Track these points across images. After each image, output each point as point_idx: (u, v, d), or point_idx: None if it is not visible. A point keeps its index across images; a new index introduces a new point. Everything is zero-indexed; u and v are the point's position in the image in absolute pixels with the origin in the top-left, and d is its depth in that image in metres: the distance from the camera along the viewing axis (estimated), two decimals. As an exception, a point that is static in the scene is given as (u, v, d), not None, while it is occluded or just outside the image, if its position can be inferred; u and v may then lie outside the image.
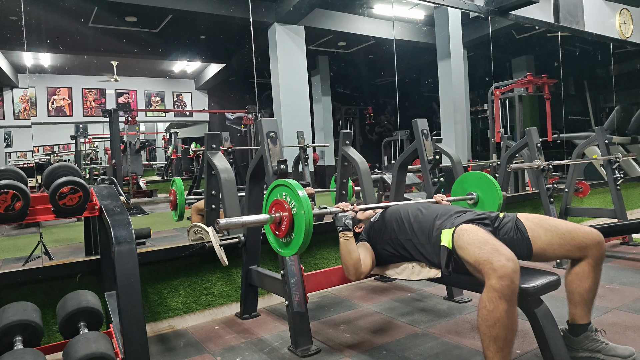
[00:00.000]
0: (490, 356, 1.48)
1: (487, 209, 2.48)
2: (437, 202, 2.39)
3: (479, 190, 2.55)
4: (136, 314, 1.48)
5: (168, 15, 5.81)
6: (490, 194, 2.49)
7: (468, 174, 2.67)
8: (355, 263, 1.89)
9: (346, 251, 1.88)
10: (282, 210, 1.69)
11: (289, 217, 1.66)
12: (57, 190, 1.75)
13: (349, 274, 1.92)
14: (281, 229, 1.70)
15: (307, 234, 1.61)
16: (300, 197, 1.62)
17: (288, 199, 1.68)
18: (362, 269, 1.92)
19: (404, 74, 4.83)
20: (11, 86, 6.58)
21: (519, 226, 1.79)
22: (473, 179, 2.59)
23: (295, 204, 1.65)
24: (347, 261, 1.89)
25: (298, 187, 1.66)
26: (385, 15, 5.88)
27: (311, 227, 1.61)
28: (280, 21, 5.32)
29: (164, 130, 9.62)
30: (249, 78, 4.60)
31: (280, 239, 1.75)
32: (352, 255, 1.88)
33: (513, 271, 1.46)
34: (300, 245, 1.63)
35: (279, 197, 1.72)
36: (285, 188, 1.70)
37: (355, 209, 1.99)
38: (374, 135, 9.62)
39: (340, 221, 1.91)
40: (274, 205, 1.74)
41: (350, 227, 1.90)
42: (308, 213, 1.60)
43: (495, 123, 5.29)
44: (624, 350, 1.75)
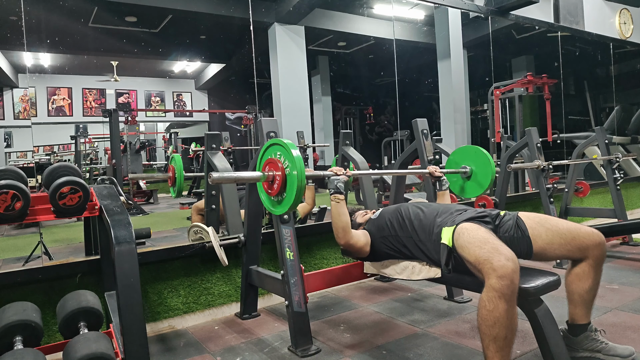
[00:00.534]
0: (490, 356, 1.48)
1: (481, 182, 2.53)
2: (430, 173, 2.43)
3: (473, 164, 2.58)
4: (136, 314, 1.48)
5: (168, 15, 5.81)
6: (484, 168, 2.52)
7: (463, 147, 2.70)
8: (344, 226, 1.95)
9: (336, 213, 1.95)
10: (276, 169, 1.71)
11: (282, 176, 1.68)
12: (57, 190, 1.75)
13: (337, 237, 1.98)
14: (273, 187, 1.73)
15: (299, 192, 1.65)
16: (294, 157, 1.63)
17: (282, 159, 1.69)
18: (351, 235, 1.98)
19: (404, 74, 4.83)
20: (11, 86, 6.58)
21: (519, 225, 1.79)
22: (468, 152, 2.62)
23: (288, 164, 1.66)
24: (336, 223, 1.96)
25: (292, 146, 1.68)
26: (385, 15, 5.88)
27: (303, 187, 1.64)
28: (280, 21, 5.32)
29: (164, 130, 9.62)
30: (249, 78, 4.60)
31: (272, 198, 1.77)
32: (342, 218, 1.95)
33: (513, 271, 1.46)
34: (292, 204, 1.67)
35: (273, 156, 1.73)
36: (280, 147, 1.71)
37: (348, 173, 2.04)
38: (374, 135, 9.63)
39: (332, 184, 1.97)
40: (268, 164, 1.76)
41: (342, 190, 1.97)
42: (300, 172, 1.62)
43: (495, 123, 5.29)
44: (623, 350, 1.75)
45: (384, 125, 9.62)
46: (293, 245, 2.15)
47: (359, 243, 2.01)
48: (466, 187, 2.63)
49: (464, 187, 2.64)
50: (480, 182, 2.54)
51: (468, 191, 2.63)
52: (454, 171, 2.59)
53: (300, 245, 2.78)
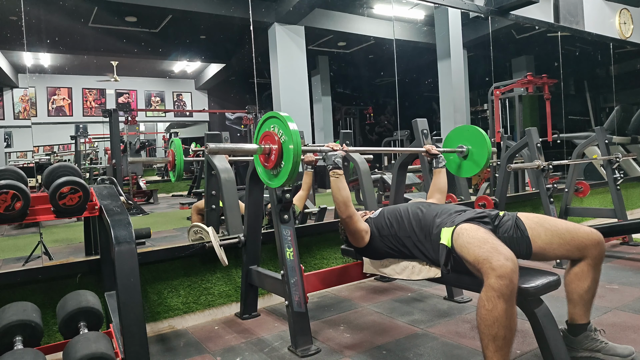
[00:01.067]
0: (489, 355, 1.48)
1: (477, 161, 2.55)
2: (427, 150, 2.46)
3: (469, 143, 2.59)
4: (136, 314, 1.48)
5: (168, 15, 5.81)
6: (480, 147, 2.54)
7: (460, 127, 2.72)
8: (345, 200, 1.96)
9: (336, 188, 1.96)
10: (272, 142, 1.71)
11: (279, 148, 1.69)
12: (57, 190, 1.75)
13: (339, 210, 1.99)
14: (270, 159, 1.73)
15: (295, 166, 1.66)
16: (291, 130, 1.64)
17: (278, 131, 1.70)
18: (354, 211, 1.98)
19: (404, 74, 4.83)
20: (11, 86, 6.58)
21: (518, 225, 1.79)
22: (465, 132, 2.64)
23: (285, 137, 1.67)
24: (337, 198, 1.96)
25: (289, 119, 1.68)
26: (385, 15, 5.88)
27: (299, 160, 1.65)
28: (280, 21, 5.32)
29: (164, 130, 9.62)
30: (249, 78, 4.60)
31: (269, 170, 1.77)
32: (342, 193, 1.96)
33: (512, 271, 1.46)
34: (288, 177, 1.67)
35: (270, 129, 1.74)
36: (277, 120, 1.72)
37: (345, 148, 2.05)
38: (374, 135, 9.63)
39: (330, 160, 1.98)
40: (264, 137, 1.76)
41: (339, 165, 1.97)
42: (297, 145, 1.63)
43: (495, 123, 5.29)
44: (623, 349, 1.75)
45: (384, 125, 9.63)
46: (293, 245, 2.15)
47: (359, 223, 2.01)
48: (463, 166, 2.65)
49: (461, 166, 2.66)
50: (477, 160, 2.57)
51: (465, 170, 2.65)
52: (451, 150, 2.61)
53: (300, 245, 2.78)
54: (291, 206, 2.20)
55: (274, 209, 2.16)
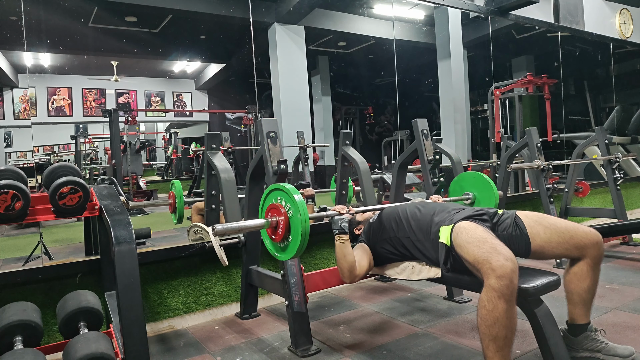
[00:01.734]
0: (490, 355, 1.48)
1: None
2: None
3: (475, 190, 2.56)
4: (136, 314, 1.48)
5: (168, 15, 5.81)
6: (487, 194, 2.50)
7: (464, 174, 2.68)
8: (350, 266, 1.89)
9: (341, 254, 1.88)
10: (278, 214, 1.68)
11: (285, 221, 1.65)
12: (57, 190, 1.75)
13: (343, 277, 1.92)
14: (278, 233, 1.69)
15: (304, 237, 1.60)
16: (296, 202, 1.61)
17: (284, 203, 1.67)
18: (357, 272, 1.92)
19: (404, 74, 4.83)
20: (11, 86, 6.58)
21: (517, 223, 1.79)
22: (469, 178, 2.61)
23: (291, 208, 1.64)
24: (342, 264, 1.90)
25: (294, 191, 1.65)
26: (385, 15, 5.88)
27: (307, 231, 1.60)
28: (280, 21, 5.32)
29: (164, 130, 9.62)
30: (249, 78, 4.60)
31: (277, 243, 1.74)
32: (347, 259, 1.88)
33: (512, 271, 1.46)
34: (297, 250, 1.62)
35: (275, 202, 1.71)
36: (281, 192, 1.69)
37: (352, 211, 1.99)
38: (374, 135, 9.63)
39: (336, 224, 1.91)
40: (270, 210, 1.73)
41: (346, 230, 1.90)
42: (304, 217, 1.59)
43: (495, 123, 5.29)
44: (623, 349, 1.75)
45: (384, 125, 9.63)
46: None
47: (363, 270, 1.96)
48: None
49: None
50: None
51: None
52: (458, 199, 2.56)
53: (300, 245, 2.78)
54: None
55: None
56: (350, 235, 2.06)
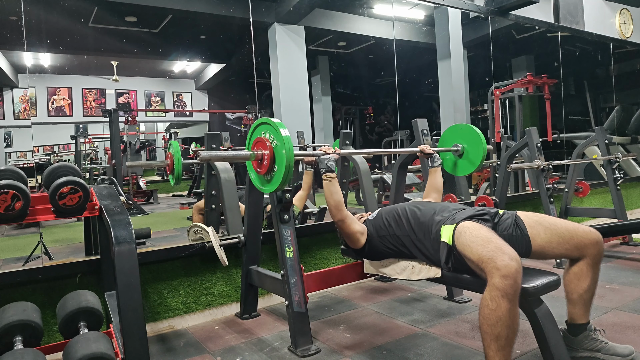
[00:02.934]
0: (491, 355, 1.48)
1: (472, 160, 2.57)
2: (422, 150, 2.49)
3: (465, 142, 2.60)
4: (136, 314, 1.48)
5: (168, 15, 5.81)
6: (476, 146, 2.54)
7: (455, 126, 2.72)
8: (337, 204, 1.98)
9: (329, 192, 1.99)
10: (264, 148, 1.72)
11: (270, 154, 1.69)
12: (57, 190, 1.75)
13: (331, 214, 2.01)
14: (263, 165, 1.73)
15: (288, 170, 1.66)
16: (282, 136, 1.64)
17: (270, 137, 1.70)
18: (346, 214, 2.00)
19: (404, 74, 4.83)
20: (11, 86, 6.58)
21: (518, 223, 1.79)
22: (460, 130, 2.65)
23: (276, 142, 1.67)
24: (329, 202, 1.98)
25: (280, 125, 1.68)
26: (385, 15, 5.88)
27: (292, 165, 1.65)
28: (280, 21, 5.31)
29: (164, 130, 9.62)
30: (249, 78, 4.60)
31: (262, 176, 1.78)
32: (334, 197, 1.98)
33: (516, 270, 1.46)
34: (281, 182, 1.68)
35: (261, 136, 1.74)
36: (268, 126, 1.72)
37: (337, 151, 2.05)
38: (374, 135, 9.63)
39: (323, 163, 2.00)
40: (256, 144, 1.77)
41: (332, 168, 1.99)
42: (289, 151, 1.63)
43: (495, 123, 5.29)
44: (623, 349, 1.75)
45: (384, 125, 9.62)
46: (293, 245, 2.15)
47: (352, 226, 2.02)
48: (458, 164, 2.66)
49: (457, 164, 2.67)
50: (472, 160, 2.57)
51: (460, 169, 2.66)
52: (446, 149, 2.62)
53: (300, 246, 2.78)
54: (291, 206, 2.20)
55: (273, 210, 2.16)
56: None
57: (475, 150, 2.54)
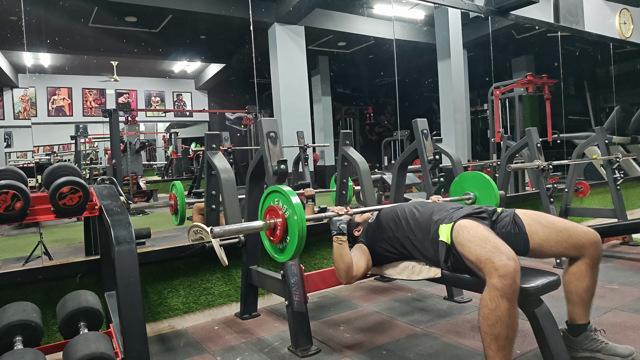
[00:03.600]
0: (491, 355, 1.48)
1: None
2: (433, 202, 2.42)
3: (476, 190, 2.56)
4: (136, 314, 1.48)
5: (168, 15, 5.81)
6: (487, 194, 2.50)
7: (465, 173, 2.68)
8: (347, 267, 1.90)
9: (339, 255, 1.89)
10: (276, 216, 1.70)
11: (283, 223, 1.67)
12: (57, 190, 1.75)
13: (340, 278, 1.93)
14: (276, 234, 1.71)
15: (301, 239, 1.62)
16: (294, 204, 1.62)
17: (281, 205, 1.69)
18: (354, 273, 1.92)
19: (404, 74, 4.83)
20: (11, 86, 6.58)
21: (516, 221, 1.79)
22: (470, 178, 2.61)
23: (288, 210, 1.65)
24: (339, 265, 1.90)
25: (291, 193, 1.66)
26: (385, 15, 5.88)
27: (304, 233, 1.62)
28: (280, 21, 5.32)
29: (164, 130, 9.62)
30: (249, 78, 4.60)
31: (275, 245, 1.75)
32: (345, 260, 1.89)
33: (515, 270, 1.46)
34: (295, 251, 1.64)
35: (273, 204, 1.73)
36: (279, 194, 1.70)
37: (350, 212, 2.00)
38: (374, 135, 9.63)
39: (335, 225, 1.91)
40: (269, 212, 1.75)
41: (344, 231, 1.90)
42: (301, 219, 1.60)
43: (495, 123, 5.29)
44: (623, 349, 1.75)
45: (384, 125, 9.63)
46: (293, 245, 2.14)
47: (361, 270, 1.96)
48: None
49: None
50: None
51: None
52: (458, 199, 2.56)
53: (300, 245, 2.78)
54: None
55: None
56: (349, 237, 2.06)
57: (488, 198, 2.48)
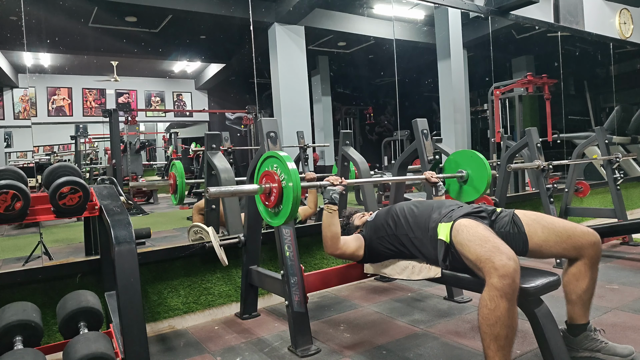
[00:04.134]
0: (491, 355, 1.48)
1: (477, 186, 2.57)
2: (427, 179, 2.47)
3: (469, 168, 2.61)
4: (136, 314, 1.48)
5: (168, 15, 5.81)
6: (480, 172, 2.55)
7: (460, 152, 2.73)
8: (333, 236, 1.97)
9: (327, 224, 1.98)
10: (272, 181, 1.73)
11: (278, 188, 1.70)
12: (57, 190, 1.75)
13: (325, 246, 2.00)
14: (270, 199, 1.75)
15: (295, 204, 1.68)
16: (290, 170, 1.66)
17: (278, 171, 1.71)
18: (339, 245, 1.99)
19: (404, 74, 4.82)
20: (11, 86, 6.57)
21: (515, 221, 1.79)
22: (464, 157, 2.65)
23: (284, 176, 1.68)
24: (325, 233, 1.98)
25: (287, 159, 1.70)
26: (385, 15, 5.87)
27: (299, 199, 1.67)
28: (280, 21, 5.31)
29: (164, 130, 9.61)
30: (249, 78, 4.60)
31: (269, 209, 1.79)
32: (332, 229, 1.97)
33: (514, 270, 1.46)
34: (288, 216, 1.70)
35: (270, 169, 1.75)
36: (276, 160, 1.73)
37: (344, 182, 2.04)
38: (374, 135, 9.62)
39: (327, 194, 1.98)
40: (264, 176, 1.78)
41: (335, 201, 1.98)
42: (296, 185, 1.64)
43: (495, 123, 5.29)
44: (623, 349, 1.75)
45: (384, 125, 9.62)
46: (293, 245, 2.15)
47: (348, 250, 2.02)
48: (463, 191, 2.66)
49: (461, 191, 2.67)
50: (477, 186, 2.58)
51: (465, 195, 2.66)
52: (450, 176, 2.62)
53: (300, 246, 2.78)
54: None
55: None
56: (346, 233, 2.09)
57: (480, 177, 2.53)
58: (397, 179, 2.80)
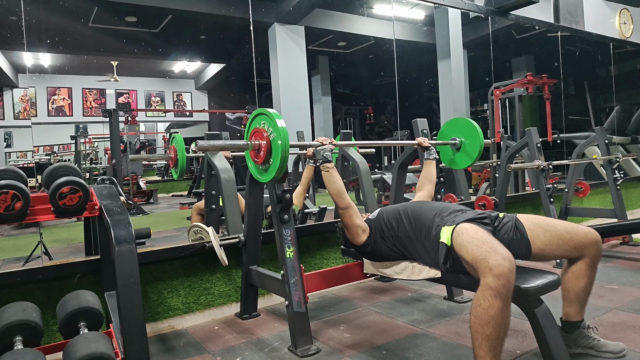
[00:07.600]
0: (482, 355, 1.49)
1: (470, 152, 2.62)
2: (419, 143, 2.54)
3: (462, 135, 2.65)
4: (136, 314, 1.48)
5: (168, 15, 5.81)
6: (473, 139, 2.60)
7: (455, 119, 2.77)
8: (339, 190, 2.00)
9: (328, 181, 2.02)
10: (261, 138, 1.76)
11: (267, 144, 1.72)
12: (57, 190, 1.75)
13: (335, 201, 2.03)
14: (260, 155, 1.76)
15: (283, 161, 1.71)
16: (279, 127, 1.68)
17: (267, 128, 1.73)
18: (348, 201, 2.02)
19: (404, 74, 4.82)
20: (11, 86, 6.58)
21: (518, 226, 1.79)
22: (458, 124, 2.70)
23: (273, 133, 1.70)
24: (331, 190, 2.01)
25: (277, 116, 1.72)
26: (385, 15, 5.88)
27: (287, 155, 1.71)
28: (280, 21, 5.31)
29: (164, 130, 9.62)
30: (249, 78, 4.60)
31: (259, 166, 1.81)
32: (334, 185, 2.01)
33: (509, 270, 1.46)
34: (277, 172, 1.73)
35: (259, 126, 1.78)
36: (265, 117, 1.76)
37: (334, 142, 2.08)
38: (374, 135, 9.62)
39: (319, 154, 2.02)
40: (254, 134, 1.81)
41: (329, 158, 2.01)
42: (285, 141, 1.66)
43: (495, 123, 5.29)
44: (615, 346, 1.80)
45: (384, 125, 9.62)
46: (293, 245, 2.15)
47: (354, 217, 2.03)
48: (456, 157, 2.71)
49: (454, 158, 2.72)
50: (469, 152, 2.63)
51: (458, 162, 2.71)
52: (444, 142, 2.67)
53: (300, 246, 2.78)
54: (291, 206, 2.20)
55: (273, 210, 2.16)
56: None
57: (473, 144, 2.59)
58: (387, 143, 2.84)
